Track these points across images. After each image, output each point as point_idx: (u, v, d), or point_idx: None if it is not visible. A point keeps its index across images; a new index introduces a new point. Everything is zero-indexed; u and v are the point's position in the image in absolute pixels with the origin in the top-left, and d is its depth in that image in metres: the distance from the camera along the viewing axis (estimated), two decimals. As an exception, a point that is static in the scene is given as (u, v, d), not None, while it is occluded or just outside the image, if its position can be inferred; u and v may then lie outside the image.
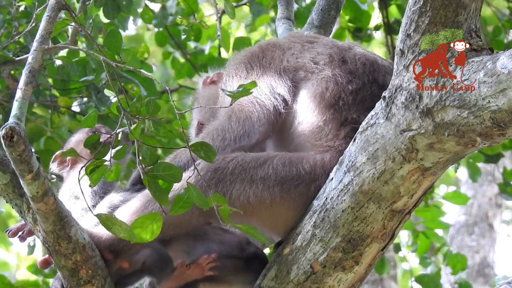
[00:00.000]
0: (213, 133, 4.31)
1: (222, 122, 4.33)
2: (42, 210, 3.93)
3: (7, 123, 3.71)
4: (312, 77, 4.34)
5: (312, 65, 4.37)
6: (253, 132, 4.30)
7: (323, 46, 4.47)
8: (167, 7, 7.24)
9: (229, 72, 4.58)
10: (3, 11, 5.92)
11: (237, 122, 4.30)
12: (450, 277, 8.27)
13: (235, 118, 4.31)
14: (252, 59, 4.54)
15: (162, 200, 3.70)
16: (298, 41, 4.56)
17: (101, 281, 4.11)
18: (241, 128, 4.29)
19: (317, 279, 4.06)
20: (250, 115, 4.31)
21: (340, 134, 4.22)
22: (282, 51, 4.51)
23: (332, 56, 4.36)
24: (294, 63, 4.42)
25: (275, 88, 4.36)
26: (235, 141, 4.28)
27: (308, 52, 4.45)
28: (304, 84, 4.34)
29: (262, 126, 4.31)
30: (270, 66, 4.46)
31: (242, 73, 4.50)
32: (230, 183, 4.11)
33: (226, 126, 4.31)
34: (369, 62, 4.35)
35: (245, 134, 4.29)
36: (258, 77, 4.43)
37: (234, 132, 4.29)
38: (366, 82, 4.29)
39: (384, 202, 3.92)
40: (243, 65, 4.54)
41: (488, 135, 3.63)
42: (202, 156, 3.72)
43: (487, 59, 3.61)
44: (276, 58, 4.48)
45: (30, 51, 3.97)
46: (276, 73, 4.42)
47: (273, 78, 4.39)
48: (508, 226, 15.51)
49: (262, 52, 4.55)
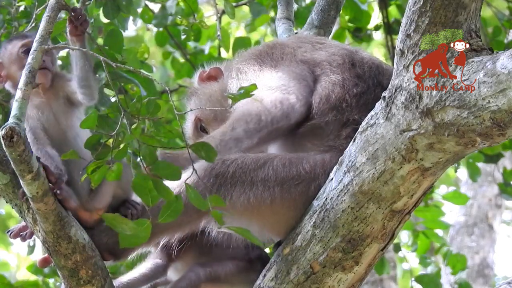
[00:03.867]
0: (245, 117, 4.22)
1: (253, 106, 4.23)
2: (42, 210, 3.93)
3: (7, 123, 3.71)
4: (322, 78, 4.33)
5: (327, 64, 4.35)
6: (293, 111, 4.23)
7: (334, 47, 4.47)
8: (167, 7, 7.23)
9: (239, 68, 4.54)
10: (3, 11, 5.91)
11: (273, 104, 4.22)
12: (450, 277, 8.26)
13: (269, 100, 4.23)
14: (261, 55, 4.53)
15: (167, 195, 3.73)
16: (307, 42, 4.56)
17: (101, 281, 4.11)
18: (279, 109, 4.21)
19: (317, 279, 4.06)
20: (287, 97, 4.23)
21: (342, 135, 4.22)
22: (292, 49, 4.50)
23: (344, 58, 4.36)
24: (310, 57, 4.40)
25: (300, 74, 4.33)
26: (272, 122, 4.20)
27: (323, 51, 4.43)
28: (317, 82, 4.34)
29: (303, 106, 4.25)
30: (283, 59, 4.44)
31: (255, 67, 4.47)
32: (230, 186, 4.11)
33: (260, 109, 4.21)
34: (375, 65, 4.36)
35: (284, 115, 4.21)
36: (273, 68, 4.40)
37: (271, 114, 4.20)
38: (371, 85, 4.29)
39: (384, 202, 3.92)
40: (253, 60, 4.52)
41: (488, 135, 3.63)
42: (202, 156, 3.72)
43: (487, 59, 3.61)
44: (288, 54, 4.46)
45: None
46: (293, 63, 4.39)
47: (292, 67, 4.37)
48: (508, 227, 15.50)
49: (270, 49, 4.55)
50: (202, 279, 4.36)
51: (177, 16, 7.27)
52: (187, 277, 4.37)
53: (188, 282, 4.36)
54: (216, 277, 4.38)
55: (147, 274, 4.55)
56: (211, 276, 4.38)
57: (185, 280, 4.37)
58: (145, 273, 4.55)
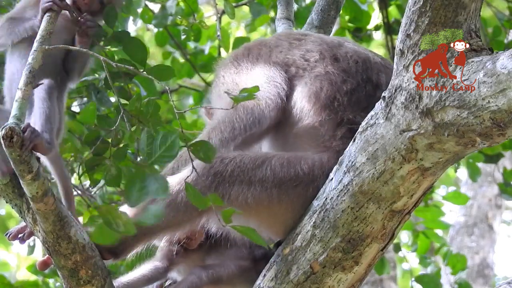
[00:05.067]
0: (220, 126, 4.26)
1: (227, 114, 4.28)
2: (42, 210, 3.93)
3: (7, 123, 3.71)
4: (304, 74, 4.32)
5: (303, 62, 4.35)
6: (263, 117, 4.26)
7: (311, 43, 4.45)
8: (166, 7, 7.23)
9: (218, 74, 4.58)
10: (3, 11, 5.91)
11: (245, 111, 4.26)
12: (450, 277, 8.25)
13: (241, 108, 4.26)
14: (238, 58, 4.54)
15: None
16: (285, 39, 4.55)
17: (101, 281, 4.11)
18: (250, 116, 4.25)
19: (316, 279, 4.06)
20: (257, 102, 4.26)
21: (337, 135, 4.21)
22: (268, 48, 4.50)
23: (323, 54, 4.34)
24: (282, 59, 4.41)
25: (271, 77, 4.34)
26: (245, 129, 4.24)
27: (297, 49, 4.43)
28: (298, 81, 4.33)
29: (272, 111, 4.27)
30: (258, 61, 4.45)
31: (231, 70, 4.49)
32: (229, 185, 4.11)
33: (232, 117, 4.26)
34: (361, 59, 4.33)
35: (255, 121, 4.25)
36: (248, 71, 4.42)
37: (243, 121, 4.25)
38: (361, 81, 4.28)
39: (384, 202, 3.92)
40: (230, 64, 4.54)
41: (488, 135, 3.63)
42: (201, 156, 3.71)
43: (487, 59, 3.61)
44: (263, 55, 4.47)
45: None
46: (266, 65, 4.41)
47: (265, 69, 4.38)
48: (508, 227, 15.51)
49: (247, 50, 4.55)
50: (204, 280, 4.36)
51: (177, 16, 7.27)
52: (189, 279, 4.37)
53: (190, 285, 4.35)
54: (218, 278, 4.38)
55: (147, 276, 4.55)
56: (213, 277, 4.38)
57: (186, 282, 4.36)
58: (145, 274, 4.55)
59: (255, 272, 4.29)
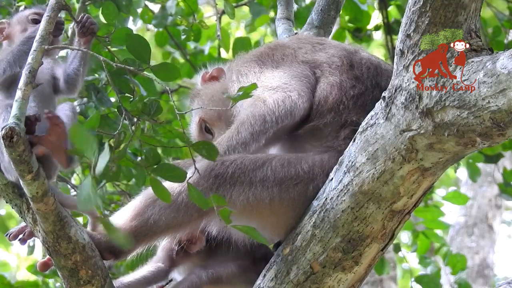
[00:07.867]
0: (249, 120, 4.21)
1: (257, 108, 4.24)
2: (42, 210, 3.94)
3: (7, 123, 3.71)
4: (321, 80, 4.33)
5: (326, 67, 4.36)
6: (297, 108, 4.23)
7: (333, 48, 4.47)
8: (166, 7, 7.24)
9: (240, 70, 4.54)
10: (3, 11, 5.91)
11: (276, 103, 4.22)
12: (450, 277, 8.26)
13: (271, 100, 4.23)
14: (262, 56, 4.53)
15: (165, 198, 3.71)
16: (307, 42, 4.56)
17: (101, 281, 4.11)
18: (282, 108, 4.21)
19: (316, 279, 4.06)
20: (288, 94, 4.24)
21: (340, 136, 4.22)
22: (292, 50, 4.50)
23: (342, 59, 4.37)
24: (311, 59, 4.41)
25: (301, 73, 4.33)
26: (277, 122, 4.20)
27: (323, 52, 4.44)
28: (317, 84, 4.35)
29: (306, 102, 4.25)
30: (283, 60, 4.45)
31: (255, 69, 4.47)
32: (230, 186, 4.10)
33: (263, 110, 4.22)
34: (373, 66, 4.36)
35: (287, 113, 4.21)
36: (273, 69, 4.41)
37: (275, 114, 4.20)
38: (369, 86, 4.29)
39: (384, 202, 3.92)
40: (254, 62, 4.52)
41: (488, 135, 3.63)
42: (204, 154, 3.71)
43: (487, 59, 3.61)
44: (288, 55, 4.47)
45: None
46: (294, 63, 4.40)
47: (293, 67, 4.37)
48: (508, 227, 15.50)
49: (271, 50, 4.55)
50: (204, 280, 4.36)
51: (177, 16, 7.27)
52: (189, 279, 4.37)
53: (190, 284, 4.35)
54: (218, 278, 4.38)
55: (148, 277, 4.55)
56: (213, 277, 4.38)
57: (186, 282, 4.36)
58: (146, 275, 4.55)
59: (255, 272, 4.29)
